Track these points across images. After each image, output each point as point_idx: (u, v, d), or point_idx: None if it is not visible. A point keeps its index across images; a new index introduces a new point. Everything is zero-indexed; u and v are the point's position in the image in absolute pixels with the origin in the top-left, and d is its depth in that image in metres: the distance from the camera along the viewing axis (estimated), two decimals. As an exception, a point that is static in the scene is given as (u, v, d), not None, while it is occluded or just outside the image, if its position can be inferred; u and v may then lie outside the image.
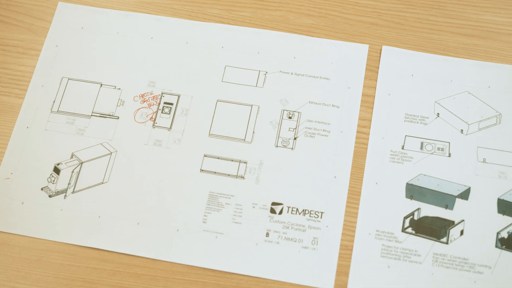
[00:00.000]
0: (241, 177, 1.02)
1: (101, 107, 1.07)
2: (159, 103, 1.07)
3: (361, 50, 1.10)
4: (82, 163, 1.03)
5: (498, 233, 0.97)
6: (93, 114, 1.06)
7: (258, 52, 1.10)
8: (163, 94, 1.07)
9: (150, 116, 1.06)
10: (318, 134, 1.04)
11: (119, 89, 1.08)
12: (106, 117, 1.06)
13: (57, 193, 1.01)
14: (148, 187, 1.01)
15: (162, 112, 1.06)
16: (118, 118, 1.06)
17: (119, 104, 1.07)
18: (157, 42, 1.11)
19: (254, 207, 1.00)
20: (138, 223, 0.99)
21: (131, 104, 1.07)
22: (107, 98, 1.07)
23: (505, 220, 0.98)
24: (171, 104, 1.06)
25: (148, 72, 1.09)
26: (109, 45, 1.11)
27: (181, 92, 1.07)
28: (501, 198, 0.99)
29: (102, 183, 1.02)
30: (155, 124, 1.05)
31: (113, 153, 1.03)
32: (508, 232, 0.97)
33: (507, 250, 0.97)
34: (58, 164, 1.03)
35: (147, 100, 1.07)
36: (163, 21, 1.13)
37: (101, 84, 1.08)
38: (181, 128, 1.05)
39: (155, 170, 1.02)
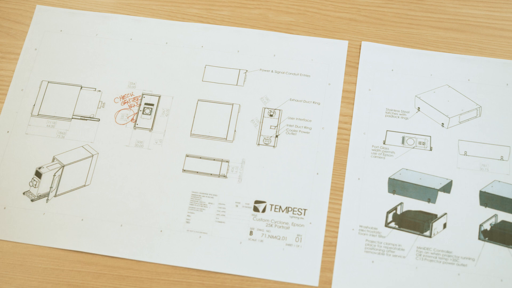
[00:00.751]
0: (224, 176, 1.02)
1: (82, 109, 1.06)
2: (140, 104, 1.06)
3: (340, 46, 1.10)
4: (63, 166, 1.02)
5: (480, 225, 0.98)
6: (73, 116, 1.06)
7: (238, 51, 1.10)
8: (144, 95, 1.07)
9: (131, 117, 1.06)
10: (299, 131, 1.04)
11: (99, 91, 1.07)
12: (86, 119, 1.06)
13: (39, 197, 1.01)
14: (131, 188, 1.01)
15: (143, 113, 1.06)
16: (99, 120, 1.05)
17: (99, 106, 1.06)
18: (137, 43, 1.10)
19: (237, 206, 1.00)
20: (121, 225, 0.99)
21: (112, 106, 1.06)
22: (87, 100, 1.07)
23: (487, 212, 0.99)
24: (152, 105, 1.06)
25: (128, 73, 1.08)
26: (88, 47, 1.10)
27: (162, 92, 1.07)
28: (483, 190, 1.00)
29: (84, 185, 1.02)
30: (136, 125, 1.05)
31: (95, 155, 1.03)
32: (490, 224, 0.98)
33: (490, 242, 0.97)
34: (39, 168, 1.02)
35: (127, 102, 1.06)
36: (142, 22, 1.12)
37: (81, 87, 1.08)
38: (162, 128, 1.05)
39: (137, 171, 1.02)
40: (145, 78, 1.08)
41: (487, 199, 0.99)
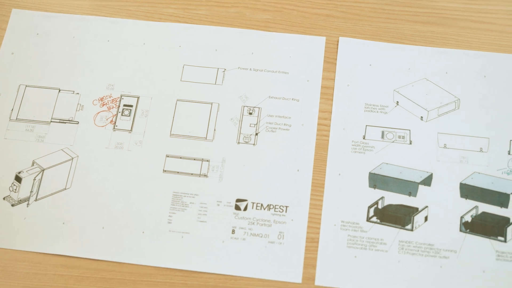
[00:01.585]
0: (204, 175, 1.01)
1: (60, 112, 1.06)
2: (119, 106, 1.06)
3: (318, 43, 1.10)
4: (43, 170, 1.02)
5: (461, 217, 0.98)
6: (52, 120, 1.05)
7: (216, 50, 1.10)
8: (122, 97, 1.07)
9: (110, 119, 1.05)
10: (279, 128, 1.04)
11: (78, 93, 1.07)
12: (65, 122, 1.05)
13: (20, 201, 1.01)
14: (112, 190, 1.01)
15: (122, 115, 1.05)
16: (78, 123, 1.05)
17: (78, 109, 1.06)
18: (114, 45, 1.10)
19: (218, 205, 1.00)
20: (103, 227, 0.99)
21: (91, 108, 1.06)
22: (66, 103, 1.06)
23: (468, 204, 0.99)
24: (131, 106, 1.06)
25: (106, 75, 1.08)
26: (66, 50, 1.10)
27: (140, 93, 1.07)
28: (463, 182, 1.00)
29: (65, 189, 1.01)
30: (115, 127, 1.05)
31: (75, 158, 1.03)
32: (471, 216, 0.98)
33: (471, 234, 0.97)
34: (19, 173, 1.02)
35: (106, 103, 1.06)
36: (119, 23, 1.12)
37: (59, 90, 1.07)
38: (142, 129, 1.04)
39: (117, 173, 1.02)
40: (123, 79, 1.08)
41: (468, 191, 0.99)
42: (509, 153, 1.02)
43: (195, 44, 1.10)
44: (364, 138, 1.03)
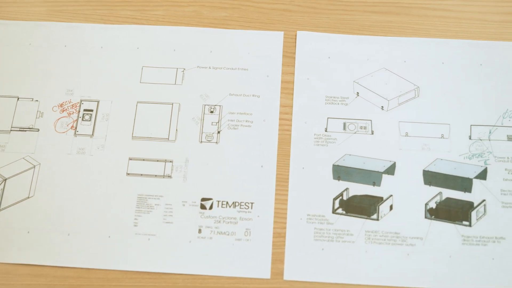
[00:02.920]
0: (168, 176, 1.01)
1: (20, 121, 1.05)
2: (79, 111, 1.05)
3: (276, 38, 1.10)
4: (5, 179, 1.01)
5: (426, 204, 0.99)
6: (12, 128, 1.04)
7: (174, 50, 1.09)
8: (82, 102, 1.06)
9: (71, 125, 1.05)
10: (241, 125, 1.04)
11: (37, 101, 1.06)
12: (26, 130, 1.04)
13: (-17, 212, 1.00)
14: (76, 196, 1.00)
15: (82, 120, 1.05)
16: (38, 130, 1.04)
17: (38, 116, 1.05)
18: (71, 50, 1.09)
19: (184, 205, 0.99)
20: (68, 234, 0.98)
21: (51, 114, 1.05)
22: (25, 111, 1.05)
23: (432, 190, 1.00)
24: (91, 110, 1.05)
25: (65, 81, 1.07)
26: (22, 57, 1.09)
27: (100, 97, 1.06)
28: (426, 169, 1.01)
29: (28, 197, 1.00)
30: (76, 133, 1.04)
31: (37, 166, 1.02)
32: (435, 202, 0.99)
33: (437, 220, 0.98)
34: (-19, 183, 1.01)
35: (66, 109, 1.05)
36: (75, 28, 1.11)
37: (18, 98, 1.06)
38: (103, 133, 1.04)
39: (81, 178, 1.01)
40: (82, 84, 1.07)
41: (431, 178, 1.00)
42: (470, 138, 1.02)
43: (153, 45, 1.10)
44: (326, 131, 1.03)
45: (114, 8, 1.13)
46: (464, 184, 0.99)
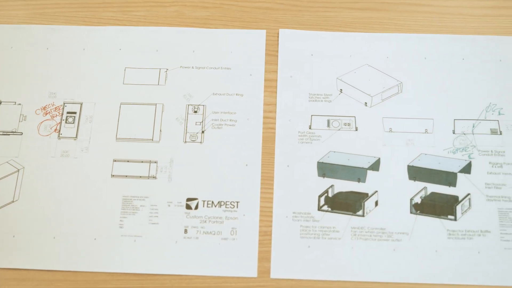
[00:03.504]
0: (153, 177, 1.01)
1: (3, 124, 1.05)
2: (62, 114, 1.05)
3: (259, 36, 1.10)
4: (-11, 184, 1.00)
5: (411, 199, 0.99)
6: (-5, 133, 1.04)
7: (157, 50, 1.09)
8: (65, 104, 1.06)
9: (55, 127, 1.04)
10: (225, 124, 1.04)
11: (20, 104, 1.06)
12: (9, 134, 1.04)
13: (-33, 217, 0.99)
14: (60, 199, 1.00)
15: (66, 122, 1.04)
16: (21, 134, 1.04)
17: (21, 120, 1.05)
18: (53, 52, 1.09)
19: (169, 205, 0.99)
20: (54, 237, 0.98)
21: (34, 118, 1.05)
22: (8, 114, 1.05)
23: (417, 185, 1.00)
24: (74, 113, 1.05)
25: (47, 84, 1.07)
26: (4, 60, 1.08)
27: (83, 99, 1.06)
28: (411, 164, 1.01)
29: (13, 201, 1.00)
30: (60, 135, 1.04)
31: (20, 170, 1.01)
32: (421, 197, 0.99)
33: (422, 215, 0.98)
34: (-35, 188, 1.00)
35: (49, 112, 1.05)
36: (57, 30, 1.11)
37: (0, 102, 1.06)
38: (87, 136, 1.03)
39: (65, 181, 1.01)
40: (65, 86, 1.07)
41: (416, 173, 1.00)
42: (453, 132, 1.03)
43: (135, 46, 1.09)
44: (310, 128, 1.03)
45: (96, 10, 1.13)
46: (449, 178, 1.00)
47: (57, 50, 1.09)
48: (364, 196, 0.99)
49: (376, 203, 0.99)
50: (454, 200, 0.99)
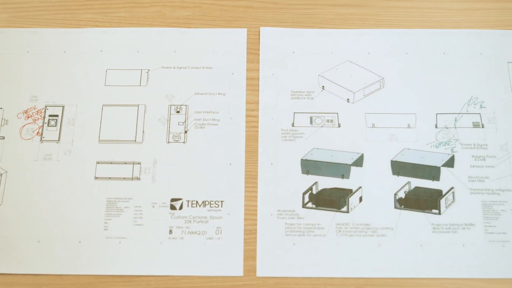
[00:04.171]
0: (137, 178, 1.01)
1: (-15, 129, 1.04)
2: (44, 117, 1.05)
3: (240, 35, 1.10)
4: (-28, 189, 1.00)
5: (395, 194, 0.99)
6: (-23, 138, 1.04)
7: (138, 51, 1.09)
8: (47, 107, 1.05)
9: (37, 131, 1.04)
10: (208, 124, 1.04)
11: (1, 108, 1.05)
12: (-9, 139, 1.03)
13: (-49, 223, 0.99)
14: (44, 203, 0.99)
15: (48, 126, 1.04)
16: (3, 138, 1.03)
17: (2, 124, 1.04)
18: (34, 55, 1.08)
19: (153, 206, 0.99)
20: (38, 241, 0.97)
21: (15, 121, 1.04)
22: (-11, 119, 1.05)
23: (400, 180, 1.00)
24: (56, 116, 1.04)
25: (28, 87, 1.06)
26: (-16, 65, 1.08)
27: (65, 102, 1.05)
28: (394, 159, 1.01)
29: (-4, 206, 1.00)
30: (42, 139, 1.03)
31: (3, 174, 1.01)
32: (405, 192, 0.99)
33: (406, 210, 0.99)
34: None
35: (31, 116, 1.05)
36: (37, 33, 1.10)
37: (-18, 106, 1.05)
38: (69, 138, 1.03)
39: (49, 184, 1.00)
40: (46, 89, 1.06)
41: (399, 168, 1.00)
42: (436, 127, 1.03)
43: (116, 47, 1.09)
44: (293, 126, 1.04)
45: (76, 12, 1.12)
46: (432, 172, 1.00)
47: (38, 53, 1.09)
48: (348, 192, 0.99)
49: (360, 199, 0.99)
50: (438, 194, 0.99)
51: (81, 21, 1.12)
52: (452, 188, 0.99)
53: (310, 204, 0.99)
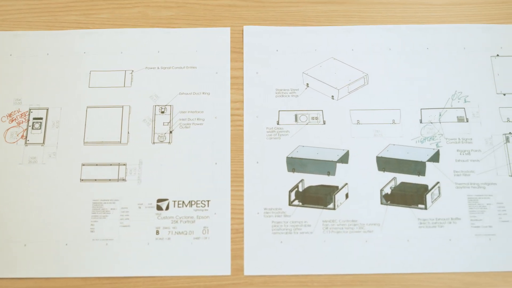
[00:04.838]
0: (123, 179, 1.01)
1: (-31, 133, 1.04)
2: (28, 120, 1.04)
3: (223, 34, 1.10)
4: (-43, 194, 0.99)
5: (381, 190, 0.99)
6: (-39, 142, 1.03)
7: (121, 52, 1.08)
8: (31, 110, 1.05)
9: (21, 134, 1.03)
10: (192, 124, 1.03)
11: (-15, 112, 1.05)
12: (-25, 143, 1.03)
13: None
14: (30, 206, 0.99)
15: (32, 128, 1.04)
16: (-12, 142, 1.03)
17: (-14, 128, 1.04)
18: (17, 58, 1.08)
19: (140, 207, 0.99)
20: (25, 245, 0.97)
21: (0, 125, 1.04)
22: (-27, 123, 1.04)
23: (386, 176, 1.01)
24: (41, 118, 1.04)
25: (12, 90, 1.06)
26: (-33, 68, 1.08)
27: (49, 105, 1.05)
28: (379, 155, 1.01)
29: (-18, 210, 0.99)
30: (27, 142, 1.03)
31: (-12, 178, 1.01)
32: (390, 188, 1.00)
33: (393, 205, 0.99)
34: None
35: (15, 119, 1.04)
36: (20, 36, 1.10)
37: (-35, 110, 1.05)
38: (54, 141, 1.03)
39: (34, 188, 1.00)
40: (30, 92, 1.06)
41: (385, 164, 1.01)
42: (420, 122, 1.03)
43: (99, 49, 1.09)
44: (278, 124, 1.04)
45: (58, 14, 1.12)
46: (418, 167, 1.00)
47: (21, 56, 1.08)
48: (334, 189, 0.99)
49: (347, 196, 0.99)
50: (424, 189, 0.99)
51: (64, 23, 1.11)
52: (438, 183, 1.00)
53: (296, 202, 0.99)
